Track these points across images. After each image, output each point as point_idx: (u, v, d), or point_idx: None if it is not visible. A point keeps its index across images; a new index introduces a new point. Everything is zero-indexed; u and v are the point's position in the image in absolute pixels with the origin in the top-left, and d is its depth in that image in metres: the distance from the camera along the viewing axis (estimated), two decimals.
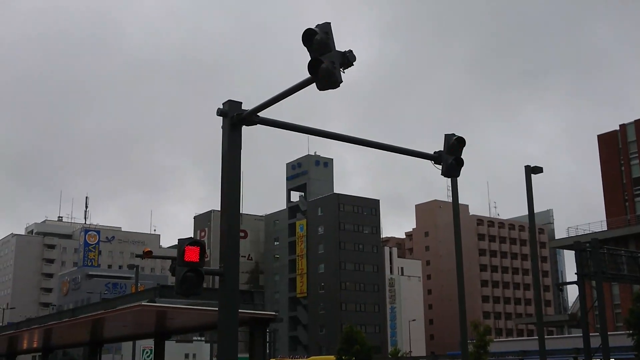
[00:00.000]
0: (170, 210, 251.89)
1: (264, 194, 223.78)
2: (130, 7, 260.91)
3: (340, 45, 10.93)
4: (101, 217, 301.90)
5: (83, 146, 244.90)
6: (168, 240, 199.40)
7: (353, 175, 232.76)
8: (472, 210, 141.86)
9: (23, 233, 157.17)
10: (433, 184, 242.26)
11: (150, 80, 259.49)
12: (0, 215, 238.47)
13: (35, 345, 43.58)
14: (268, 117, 13.21)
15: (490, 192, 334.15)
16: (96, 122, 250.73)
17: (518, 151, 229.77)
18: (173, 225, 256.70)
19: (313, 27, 10.96)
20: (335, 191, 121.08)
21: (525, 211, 32.61)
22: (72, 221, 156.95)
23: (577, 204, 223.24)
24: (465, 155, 14.55)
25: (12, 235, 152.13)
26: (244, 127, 13.07)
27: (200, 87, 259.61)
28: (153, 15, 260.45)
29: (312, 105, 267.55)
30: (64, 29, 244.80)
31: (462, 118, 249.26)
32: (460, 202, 28.92)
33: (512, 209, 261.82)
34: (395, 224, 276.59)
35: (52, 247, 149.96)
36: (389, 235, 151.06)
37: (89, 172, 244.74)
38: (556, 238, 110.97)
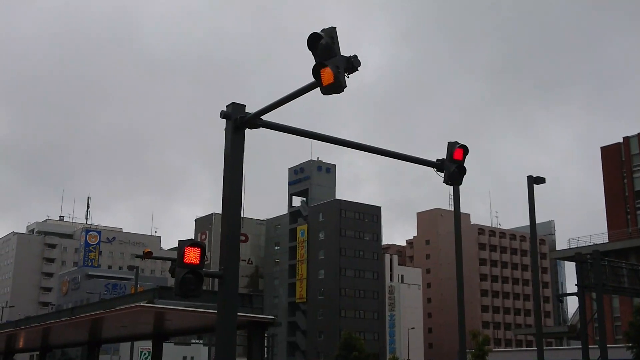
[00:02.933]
0: (178, 212, 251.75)
1: (266, 198, 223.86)
2: (147, 7, 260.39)
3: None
4: (108, 218, 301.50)
5: (91, 146, 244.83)
6: (171, 242, 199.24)
7: (365, 181, 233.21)
8: (474, 220, 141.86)
9: (24, 231, 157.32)
10: (444, 192, 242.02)
11: (163, 81, 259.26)
12: (4, 212, 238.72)
13: (33, 344, 43.53)
14: (278, 121, 13.22)
15: (495, 201, 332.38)
16: (107, 121, 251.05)
17: (526, 161, 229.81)
18: (180, 228, 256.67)
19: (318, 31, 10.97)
20: (339, 197, 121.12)
21: (526, 221, 32.55)
22: (74, 221, 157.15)
23: (583, 216, 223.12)
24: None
25: (13, 233, 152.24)
26: (247, 130, 13.08)
27: (215, 89, 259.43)
28: (170, 16, 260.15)
29: (325, 110, 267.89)
30: (79, 28, 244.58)
31: (474, 126, 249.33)
32: (462, 211, 28.87)
33: (515, 219, 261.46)
34: (404, 232, 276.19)
35: (52, 246, 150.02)
36: (395, 243, 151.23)
37: (95, 171, 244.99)
38: (557, 249, 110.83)
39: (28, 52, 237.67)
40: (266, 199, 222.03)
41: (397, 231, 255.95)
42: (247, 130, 13.06)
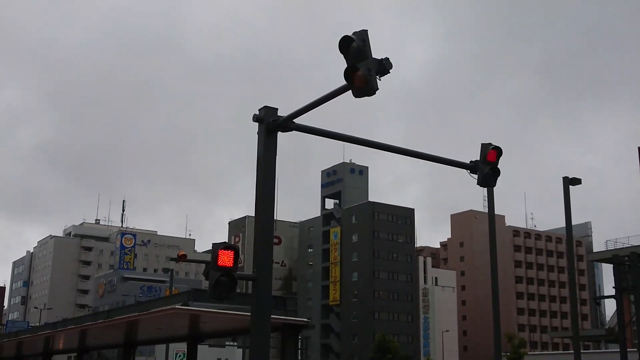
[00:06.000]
0: (219, 214, 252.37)
1: (299, 201, 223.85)
2: (191, 11, 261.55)
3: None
4: (147, 221, 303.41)
5: (132, 149, 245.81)
6: (208, 245, 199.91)
7: (404, 182, 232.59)
8: (510, 221, 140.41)
9: (61, 235, 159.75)
10: (480, 193, 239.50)
11: (207, 85, 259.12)
12: (43, 216, 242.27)
13: (70, 346, 44.23)
14: (317, 122, 13.25)
15: (533, 202, 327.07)
16: (151, 125, 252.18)
17: (569, 161, 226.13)
18: (217, 231, 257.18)
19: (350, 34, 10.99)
20: (377, 199, 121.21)
21: (563, 223, 32.14)
22: (110, 224, 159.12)
23: (624, 217, 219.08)
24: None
25: (51, 237, 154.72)
26: (280, 133, 13.14)
27: (259, 92, 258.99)
28: (214, 20, 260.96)
29: (368, 110, 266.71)
30: (125, 33, 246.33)
31: (517, 126, 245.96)
32: (497, 212, 28.58)
33: (552, 220, 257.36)
34: (442, 233, 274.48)
35: (89, 249, 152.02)
36: (430, 245, 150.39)
37: (135, 175, 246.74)
38: (594, 251, 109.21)
39: (75, 56, 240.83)
40: (299, 201, 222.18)
41: (436, 233, 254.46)
42: (280, 133, 13.12)
